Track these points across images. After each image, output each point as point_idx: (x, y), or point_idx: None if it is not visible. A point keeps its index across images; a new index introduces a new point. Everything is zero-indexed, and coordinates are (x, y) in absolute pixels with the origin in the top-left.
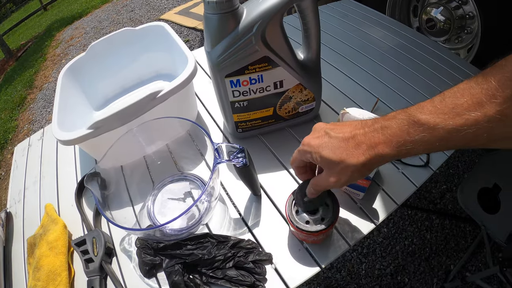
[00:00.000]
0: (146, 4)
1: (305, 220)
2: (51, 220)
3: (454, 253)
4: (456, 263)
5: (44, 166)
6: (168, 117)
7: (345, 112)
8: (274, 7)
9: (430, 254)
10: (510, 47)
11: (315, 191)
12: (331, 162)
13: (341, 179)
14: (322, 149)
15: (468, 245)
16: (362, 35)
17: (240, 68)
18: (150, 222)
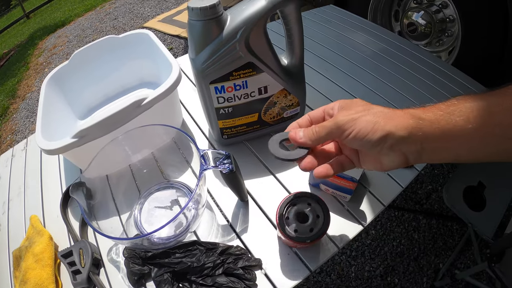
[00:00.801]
0: (129, 12)
1: (295, 229)
2: (36, 231)
3: (442, 251)
4: (445, 261)
5: (28, 177)
6: (153, 125)
7: None
8: (258, 14)
9: (418, 254)
10: (489, 49)
11: (314, 134)
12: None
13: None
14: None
15: (456, 243)
16: (344, 40)
17: (224, 74)
18: (137, 231)
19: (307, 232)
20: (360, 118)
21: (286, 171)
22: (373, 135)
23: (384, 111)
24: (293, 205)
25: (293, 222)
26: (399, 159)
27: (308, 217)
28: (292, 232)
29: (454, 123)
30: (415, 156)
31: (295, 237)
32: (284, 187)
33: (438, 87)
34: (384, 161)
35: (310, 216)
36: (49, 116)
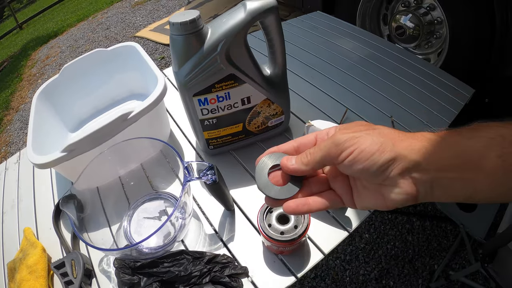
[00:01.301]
0: (121, 22)
1: (279, 231)
2: (30, 243)
3: (437, 253)
4: (439, 262)
5: (21, 190)
6: (140, 138)
7: (310, 124)
8: (237, 26)
9: (413, 256)
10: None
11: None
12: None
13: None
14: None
15: (450, 244)
16: (331, 46)
17: (207, 86)
18: (127, 241)
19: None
20: (364, 137)
21: None
22: (380, 156)
23: (392, 131)
24: (273, 208)
25: (273, 223)
26: (408, 191)
27: (289, 219)
28: (272, 232)
29: (475, 149)
30: (426, 188)
31: (274, 238)
32: None
33: (428, 92)
34: (389, 194)
35: (291, 219)
36: (40, 129)
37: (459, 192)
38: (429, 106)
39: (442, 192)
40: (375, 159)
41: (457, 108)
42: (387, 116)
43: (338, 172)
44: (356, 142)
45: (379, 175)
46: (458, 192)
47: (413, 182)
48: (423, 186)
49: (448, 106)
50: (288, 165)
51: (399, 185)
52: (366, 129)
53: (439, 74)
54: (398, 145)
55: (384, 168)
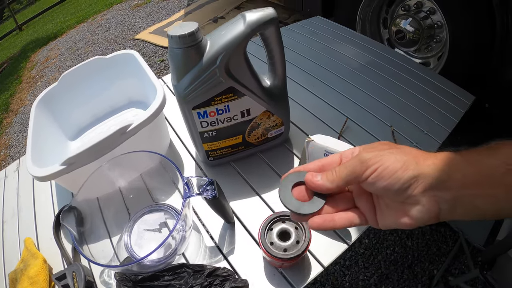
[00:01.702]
0: (120, 24)
1: (282, 248)
2: (31, 254)
3: (436, 258)
4: (439, 267)
5: (21, 198)
6: (138, 151)
7: (310, 139)
8: (237, 39)
9: (412, 261)
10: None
11: (333, 175)
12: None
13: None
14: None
15: (450, 249)
16: (331, 53)
17: (206, 100)
18: (128, 254)
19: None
20: (387, 155)
21: (271, 191)
22: (403, 173)
23: (415, 150)
24: (273, 225)
25: (275, 241)
26: (430, 209)
27: (290, 235)
28: (274, 250)
29: (495, 166)
30: (449, 207)
31: (278, 256)
32: (269, 207)
33: (428, 99)
34: (411, 212)
35: (292, 234)
36: (39, 138)
37: (481, 209)
38: (429, 115)
39: (463, 210)
40: (398, 177)
41: (458, 116)
42: (387, 125)
43: (362, 190)
44: (380, 160)
45: (402, 192)
46: (479, 209)
47: (435, 200)
48: (445, 204)
49: (448, 114)
50: (314, 181)
51: (421, 203)
52: (390, 147)
53: (439, 81)
54: (421, 163)
55: (407, 185)
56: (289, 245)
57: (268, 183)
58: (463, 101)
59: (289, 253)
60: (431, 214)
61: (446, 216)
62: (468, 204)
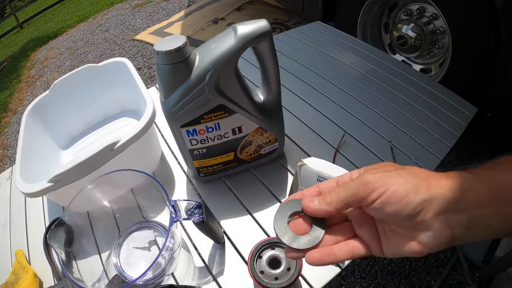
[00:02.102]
0: (120, 24)
1: (273, 276)
2: (21, 267)
3: (434, 268)
4: (436, 278)
5: (13, 208)
6: (125, 170)
7: (303, 163)
8: (227, 54)
9: (409, 272)
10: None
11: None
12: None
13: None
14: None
15: (448, 260)
16: (331, 61)
17: (195, 118)
18: (116, 272)
19: (281, 277)
20: (395, 177)
21: (263, 210)
22: (414, 197)
23: (423, 170)
24: (263, 252)
25: (265, 269)
26: (443, 233)
27: (281, 262)
28: (265, 280)
29: (506, 182)
30: (463, 229)
31: (269, 286)
32: (261, 226)
33: (429, 112)
34: (423, 238)
35: (282, 261)
36: (30, 148)
37: (497, 228)
38: (429, 129)
39: (479, 231)
40: (409, 201)
41: (459, 130)
42: (387, 140)
43: (364, 218)
44: (387, 182)
45: (412, 218)
46: (495, 229)
47: (448, 224)
48: (459, 227)
49: (449, 128)
50: (310, 206)
51: (433, 228)
52: (396, 169)
53: (440, 91)
54: (432, 185)
55: (419, 210)
56: (280, 273)
57: (260, 201)
58: (465, 113)
59: (280, 282)
60: (444, 239)
61: (460, 239)
62: (483, 225)
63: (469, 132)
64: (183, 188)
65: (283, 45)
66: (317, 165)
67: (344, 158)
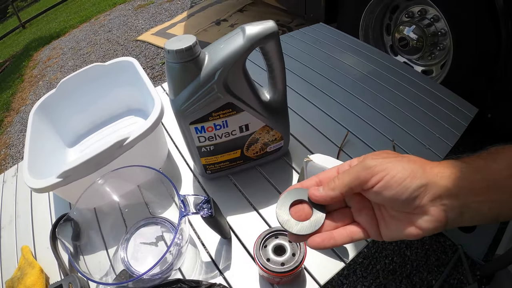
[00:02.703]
0: (123, 25)
1: (279, 262)
2: (28, 263)
3: (435, 268)
4: (437, 278)
5: (19, 205)
6: (134, 166)
7: (309, 159)
8: (235, 53)
9: (411, 271)
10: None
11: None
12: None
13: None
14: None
15: (449, 259)
16: (333, 62)
17: (204, 115)
18: (124, 267)
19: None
20: (394, 163)
21: (269, 206)
22: (411, 182)
23: (421, 159)
24: (267, 241)
25: (271, 257)
26: (438, 218)
27: (285, 249)
28: (272, 266)
29: (499, 171)
30: (456, 214)
31: (276, 271)
32: (267, 222)
33: (431, 112)
34: (419, 222)
35: (287, 248)
36: (37, 146)
37: (486, 214)
38: (431, 128)
39: (470, 217)
40: (407, 185)
41: (460, 130)
42: (389, 139)
43: (362, 204)
44: (386, 168)
45: (410, 202)
46: (485, 215)
47: (443, 209)
48: (452, 212)
49: (450, 128)
50: (316, 193)
51: (429, 213)
52: (395, 156)
53: (442, 92)
54: (428, 172)
55: (416, 195)
56: (286, 259)
57: (266, 198)
58: (465, 114)
59: (287, 266)
60: (439, 224)
61: (453, 224)
62: (474, 211)
63: (470, 132)
64: (189, 185)
65: (287, 46)
66: (322, 160)
67: (348, 156)
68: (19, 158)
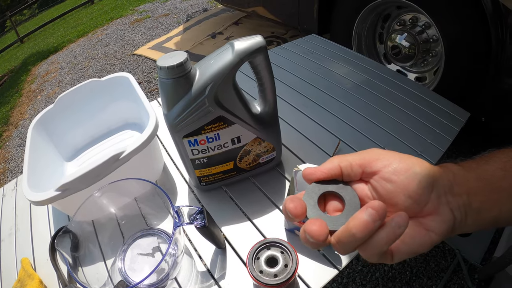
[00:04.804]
0: (120, 39)
1: (272, 274)
2: (27, 275)
3: (435, 273)
4: (437, 283)
5: (18, 218)
6: (130, 179)
7: (298, 169)
8: (225, 68)
9: (410, 278)
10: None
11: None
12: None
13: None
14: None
15: (449, 264)
16: (325, 73)
17: (196, 128)
18: (121, 277)
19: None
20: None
21: (262, 216)
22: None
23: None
24: (259, 253)
25: (264, 268)
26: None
27: (278, 260)
28: (265, 278)
29: (491, 172)
30: (461, 214)
31: (269, 283)
32: (261, 232)
33: (422, 118)
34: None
35: (279, 259)
36: (36, 160)
37: (487, 216)
38: (423, 134)
39: (473, 219)
40: (415, 172)
41: (452, 135)
42: (381, 147)
43: None
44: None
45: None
46: (485, 216)
47: (450, 207)
48: (458, 211)
49: (442, 133)
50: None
51: (438, 212)
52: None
53: (433, 98)
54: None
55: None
56: (278, 270)
57: (259, 208)
58: (457, 119)
59: (279, 278)
60: (448, 225)
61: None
62: (476, 211)
63: (466, 138)
64: (185, 196)
65: (279, 58)
66: None
67: None
68: (18, 172)
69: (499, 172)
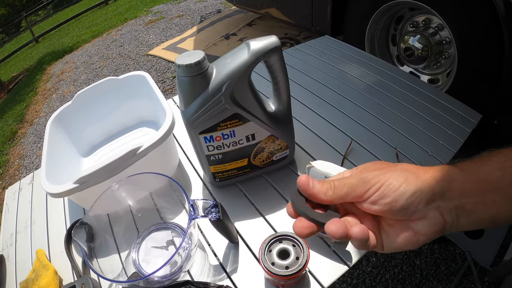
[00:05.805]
0: (134, 39)
1: (284, 266)
2: (42, 265)
3: (445, 277)
4: (447, 286)
5: (34, 211)
6: (147, 173)
7: (311, 165)
8: (241, 67)
9: (420, 280)
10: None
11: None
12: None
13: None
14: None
15: (459, 268)
16: (339, 74)
17: (212, 125)
18: (135, 269)
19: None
20: (388, 173)
21: (275, 212)
22: (406, 187)
23: (413, 166)
24: (272, 246)
25: (276, 261)
26: (436, 221)
27: (289, 253)
28: (277, 269)
29: (489, 172)
30: (453, 216)
31: (281, 274)
32: (273, 228)
33: (434, 119)
34: (418, 227)
35: (291, 252)
36: (54, 155)
37: (483, 216)
38: (434, 135)
39: (467, 219)
40: (402, 191)
41: (463, 136)
42: (392, 147)
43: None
44: (382, 178)
45: (406, 208)
46: (481, 217)
47: (439, 212)
48: (449, 214)
49: (454, 134)
50: (309, 187)
51: (427, 217)
52: (388, 165)
53: (445, 100)
54: (421, 177)
55: (411, 200)
56: (290, 262)
57: (272, 205)
58: (469, 120)
59: (291, 270)
60: (438, 227)
61: (451, 227)
62: (470, 212)
63: (477, 141)
64: (199, 192)
65: (293, 59)
66: (324, 166)
67: (352, 164)
68: (32, 168)
69: (497, 172)
